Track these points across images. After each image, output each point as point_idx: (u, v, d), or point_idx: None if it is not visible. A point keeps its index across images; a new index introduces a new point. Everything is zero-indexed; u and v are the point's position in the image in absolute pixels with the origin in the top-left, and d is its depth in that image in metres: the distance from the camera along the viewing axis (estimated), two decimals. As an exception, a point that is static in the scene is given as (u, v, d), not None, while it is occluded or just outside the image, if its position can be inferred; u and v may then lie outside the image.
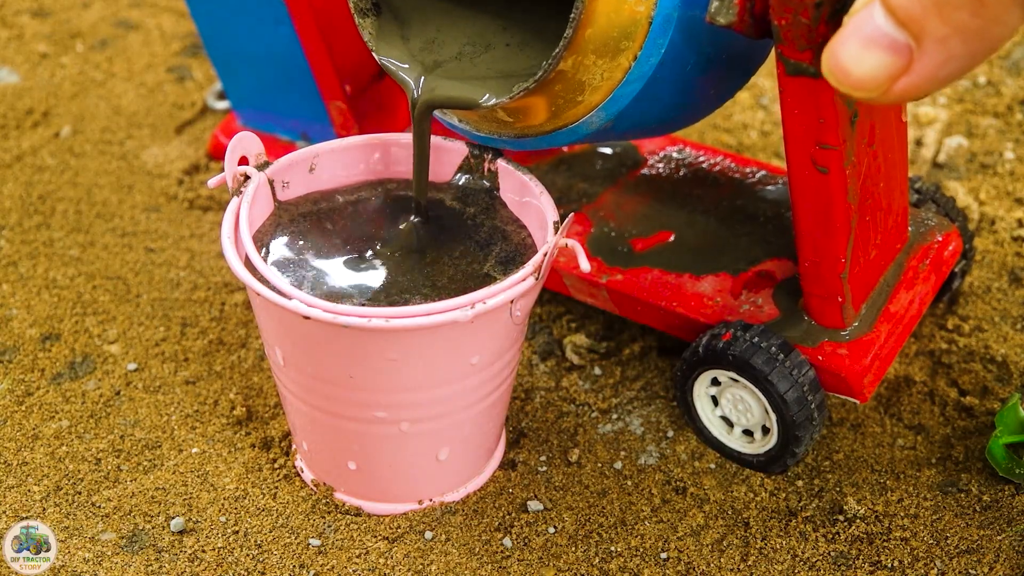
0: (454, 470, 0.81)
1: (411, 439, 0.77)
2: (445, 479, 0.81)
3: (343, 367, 0.73)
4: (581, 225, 0.93)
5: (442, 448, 0.79)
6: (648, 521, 0.81)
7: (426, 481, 0.81)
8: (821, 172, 0.73)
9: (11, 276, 1.02)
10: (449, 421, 0.77)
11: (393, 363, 0.72)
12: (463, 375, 0.74)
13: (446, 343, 0.71)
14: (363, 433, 0.77)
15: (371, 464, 0.79)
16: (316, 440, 0.80)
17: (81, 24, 1.40)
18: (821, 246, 0.77)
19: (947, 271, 0.88)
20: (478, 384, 0.76)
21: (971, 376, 0.91)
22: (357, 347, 0.71)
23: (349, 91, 0.99)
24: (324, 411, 0.77)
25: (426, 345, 0.71)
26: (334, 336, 0.70)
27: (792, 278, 0.86)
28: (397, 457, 0.78)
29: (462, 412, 0.77)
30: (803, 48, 0.66)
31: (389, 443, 0.77)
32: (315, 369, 0.74)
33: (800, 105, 0.70)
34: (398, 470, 0.79)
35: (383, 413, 0.75)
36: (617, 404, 0.90)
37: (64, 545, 0.80)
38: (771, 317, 0.84)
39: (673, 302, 0.86)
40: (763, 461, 0.84)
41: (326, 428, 0.78)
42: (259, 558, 0.79)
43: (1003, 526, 0.81)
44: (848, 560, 0.79)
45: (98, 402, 0.90)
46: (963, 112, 1.20)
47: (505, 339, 0.75)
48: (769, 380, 0.79)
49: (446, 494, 0.82)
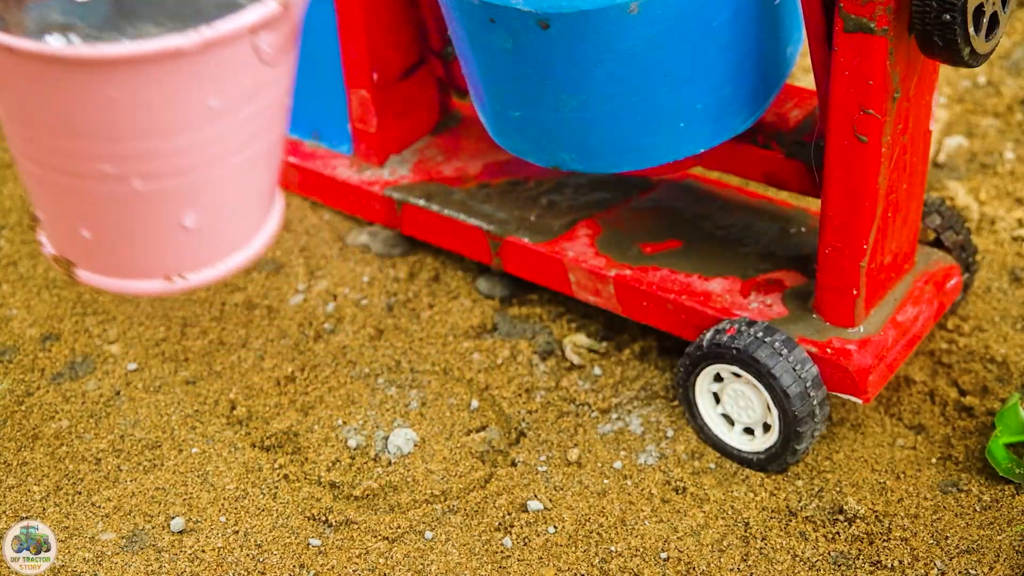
0: (206, 242, 0.72)
1: (147, 200, 0.68)
2: (196, 252, 0.72)
3: (59, 112, 0.64)
4: (591, 228, 0.93)
5: (186, 213, 0.69)
6: (648, 521, 0.81)
7: (173, 253, 0.71)
8: (860, 141, 0.75)
9: (11, 276, 1.02)
10: (191, 180, 0.67)
11: (114, 103, 0.63)
12: (200, 122, 0.65)
13: (174, 80, 0.62)
14: (92, 193, 0.68)
15: (106, 231, 0.70)
16: (48, 205, 0.71)
17: (81, 24, 1.40)
18: (846, 230, 0.79)
19: (948, 304, 0.90)
20: (222, 134, 0.66)
21: (971, 376, 0.91)
22: (71, 86, 0.62)
23: (376, 79, 0.98)
24: (49, 168, 0.68)
25: (151, 82, 0.61)
26: (43, 74, 0.62)
27: (801, 286, 0.87)
28: (134, 222, 0.69)
29: (205, 168, 0.67)
30: (865, 1, 0.68)
31: (121, 205, 0.68)
32: (33, 116, 0.66)
33: (852, 65, 0.72)
34: (136, 238, 0.70)
35: (110, 167, 0.66)
36: (617, 404, 0.90)
37: (64, 545, 0.80)
38: (780, 315, 0.85)
39: (682, 295, 0.86)
40: (763, 459, 0.84)
41: (54, 189, 0.70)
42: (259, 558, 0.79)
43: (1003, 526, 0.81)
44: (848, 560, 0.79)
45: (98, 402, 0.90)
46: (963, 112, 1.20)
47: (250, 79, 0.65)
48: (772, 374, 0.79)
49: (200, 270, 0.72)
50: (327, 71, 1.01)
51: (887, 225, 0.80)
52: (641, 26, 0.73)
